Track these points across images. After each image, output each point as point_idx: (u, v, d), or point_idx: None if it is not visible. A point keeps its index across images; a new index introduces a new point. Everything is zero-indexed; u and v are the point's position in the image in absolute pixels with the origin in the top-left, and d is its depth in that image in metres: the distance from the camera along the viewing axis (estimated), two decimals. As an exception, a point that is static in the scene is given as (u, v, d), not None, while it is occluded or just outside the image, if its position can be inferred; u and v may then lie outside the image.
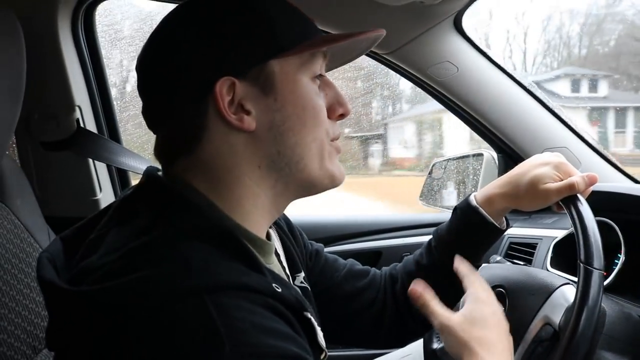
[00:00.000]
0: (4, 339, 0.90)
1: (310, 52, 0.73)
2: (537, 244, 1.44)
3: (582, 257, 0.82)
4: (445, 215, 1.01)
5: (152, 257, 0.60)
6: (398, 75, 1.58)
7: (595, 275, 0.80)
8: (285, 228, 0.98)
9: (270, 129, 0.71)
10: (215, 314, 0.55)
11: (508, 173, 0.97)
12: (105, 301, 0.57)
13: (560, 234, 1.34)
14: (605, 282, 1.13)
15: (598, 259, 0.81)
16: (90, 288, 0.58)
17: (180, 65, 0.70)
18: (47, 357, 0.98)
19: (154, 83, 0.73)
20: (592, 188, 0.92)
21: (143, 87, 0.74)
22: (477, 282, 0.88)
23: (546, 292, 0.94)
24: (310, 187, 0.77)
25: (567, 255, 1.25)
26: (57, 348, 0.64)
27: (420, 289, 0.88)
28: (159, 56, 0.72)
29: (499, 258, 1.38)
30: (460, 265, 0.92)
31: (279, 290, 0.63)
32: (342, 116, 0.79)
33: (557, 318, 0.88)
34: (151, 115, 0.75)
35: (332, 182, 0.77)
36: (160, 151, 0.75)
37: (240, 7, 0.71)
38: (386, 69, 1.57)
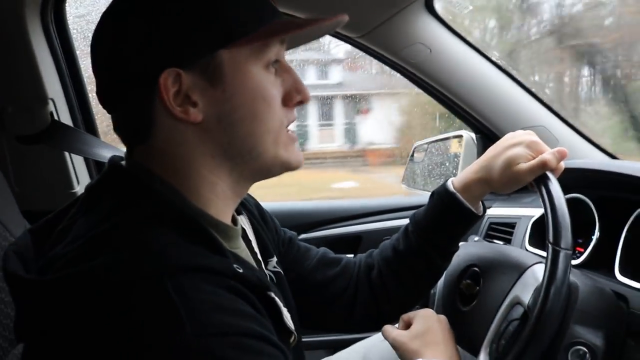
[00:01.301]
0: None
1: (261, 42, 0.71)
2: (516, 223, 1.45)
3: (551, 237, 0.82)
4: (426, 199, 1.02)
5: (113, 243, 0.61)
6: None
7: (562, 256, 0.80)
8: (256, 214, 0.98)
9: (219, 120, 0.70)
10: (175, 296, 0.55)
11: (482, 156, 0.97)
12: (67, 288, 0.58)
13: (538, 212, 1.35)
14: (581, 259, 1.15)
15: (565, 239, 0.81)
16: (53, 276, 0.59)
17: (126, 53, 0.68)
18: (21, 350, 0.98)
19: (103, 67, 0.72)
20: (567, 164, 0.92)
21: (95, 68, 0.74)
22: (410, 316, 0.98)
23: (518, 271, 0.95)
24: (266, 174, 0.77)
25: (545, 233, 1.26)
26: (25, 339, 0.65)
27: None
28: (107, 41, 0.71)
29: (477, 238, 1.39)
30: (386, 331, 0.99)
31: (240, 270, 0.64)
32: (300, 103, 0.77)
33: (527, 298, 0.89)
34: (102, 97, 0.74)
35: (288, 169, 0.77)
36: (117, 132, 0.75)
37: None
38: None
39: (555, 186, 0.87)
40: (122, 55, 0.68)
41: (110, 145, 1.54)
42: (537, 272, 0.92)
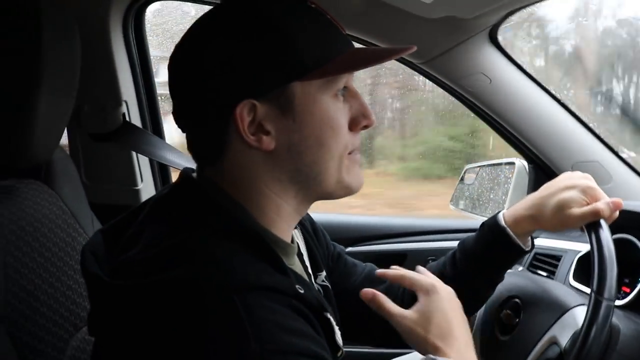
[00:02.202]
0: (49, 316, 0.97)
1: (334, 75, 0.73)
2: (562, 256, 1.44)
3: (595, 286, 0.84)
4: (472, 222, 1.04)
5: (186, 256, 0.64)
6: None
7: (604, 306, 0.81)
8: (309, 228, 1.01)
9: (289, 148, 0.73)
10: (243, 312, 0.58)
11: (535, 193, 0.98)
12: (142, 295, 0.62)
13: (586, 248, 1.34)
14: (626, 300, 1.14)
15: (609, 290, 0.82)
16: (130, 282, 0.63)
17: (203, 83, 0.72)
18: (87, 334, 1.04)
19: (180, 91, 0.76)
20: (620, 209, 0.91)
21: (171, 90, 0.77)
22: (421, 277, 0.87)
23: (559, 311, 0.95)
24: (328, 197, 0.80)
25: (590, 269, 1.25)
26: (97, 334, 0.70)
27: (370, 291, 0.87)
28: (183, 67, 0.74)
29: (520, 268, 1.40)
30: (386, 272, 0.92)
31: (302, 291, 0.67)
32: (365, 127, 0.79)
33: (564, 339, 0.90)
34: (177, 119, 0.78)
35: (349, 193, 0.80)
36: (190, 152, 0.79)
37: (264, 28, 0.71)
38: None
39: (605, 235, 0.87)
40: (200, 83, 0.72)
41: (175, 149, 1.61)
42: (578, 315, 0.93)
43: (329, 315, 0.73)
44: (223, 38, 0.71)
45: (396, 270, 0.91)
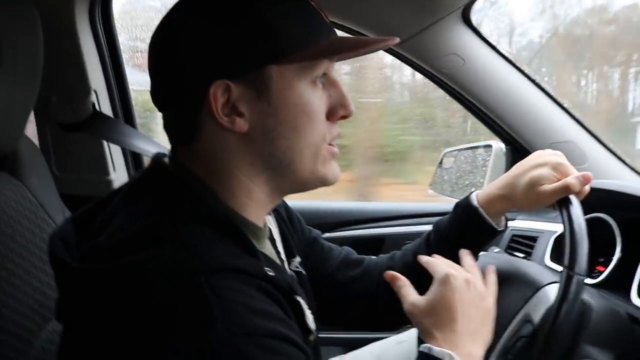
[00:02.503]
0: (16, 308, 0.95)
1: (310, 61, 0.72)
2: (538, 237, 1.45)
3: (566, 261, 0.83)
4: (449, 206, 1.03)
5: (154, 239, 0.63)
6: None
7: (575, 280, 0.81)
8: (283, 214, 1.01)
9: (263, 132, 0.72)
10: (210, 294, 0.58)
11: (507, 173, 0.98)
12: (109, 278, 0.61)
13: (561, 228, 1.34)
14: (599, 278, 1.15)
15: (580, 265, 0.82)
16: (97, 266, 0.62)
17: (179, 62, 0.71)
18: (56, 325, 1.02)
19: (156, 71, 0.75)
20: (593, 184, 0.92)
21: (150, 70, 0.76)
22: (439, 265, 0.88)
23: (532, 289, 0.95)
24: (302, 187, 0.79)
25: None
26: (65, 320, 0.69)
27: (391, 273, 0.91)
28: (161, 48, 0.74)
29: (497, 250, 1.40)
30: (420, 256, 0.93)
31: (271, 273, 0.66)
32: (343, 117, 0.78)
33: (537, 317, 0.90)
34: (155, 98, 0.77)
35: (323, 184, 0.79)
36: (166, 132, 0.78)
37: (241, 10, 0.70)
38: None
39: (576, 210, 0.87)
40: (176, 63, 0.71)
41: (147, 137, 1.59)
42: (551, 292, 0.93)
43: (298, 298, 0.73)
44: (200, 17, 0.71)
45: (424, 257, 0.92)
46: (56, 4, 1.47)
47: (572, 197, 0.89)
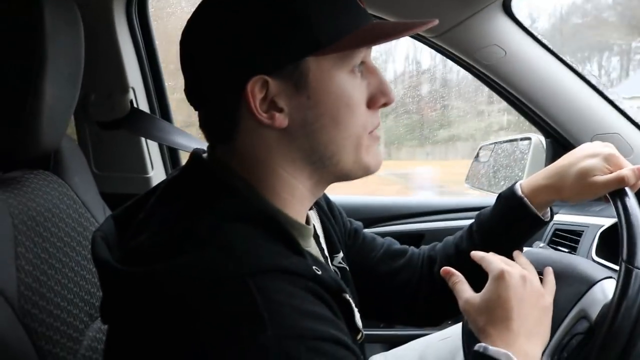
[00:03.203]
0: (64, 306, 0.96)
1: (349, 50, 0.70)
2: (583, 231, 1.41)
3: (624, 255, 0.80)
4: (490, 200, 1.01)
5: (197, 241, 0.62)
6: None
7: (636, 275, 0.78)
8: (325, 208, 0.99)
9: (303, 126, 0.70)
10: (258, 297, 0.56)
11: (555, 163, 0.95)
12: (154, 283, 0.60)
13: (607, 222, 1.31)
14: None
15: (639, 259, 0.79)
16: (140, 269, 0.61)
17: (214, 59, 0.69)
18: (101, 325, 1.04)
19: (191, 68, 0.73)
20: None
21: (183, 67, 0.74)
22: (494, 261, 0.86)
23: (586, 284, 0.92)
24: (345, 177, 0.77)
25: (613, 244, 1.23)
26: (109, 321, 0.68)
27: (448, 269, 0.90)
28: (195, 44, 0.72)
29: (542, 244, 1.37)
30: (474, 252, 0.91)
31: (319, 272, 0.65)
32: (384, 105, 0.76)
33: (593, 313, 0.87)
34: (190, 96, 0.76)
35: (367, 173, 0.77)
36: (202, 128, 0.77)
37: (277, 2, 0.68)
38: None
39: (632, 202, 0.85)
40: (211, 60, 0.70)
41: (185, 132, 1.60)
42: (607, 288, 0.90)
43: (347, 297, 0.71)
44: (234, 12, 0.69)
45: (479, 253, 0.90)
46: (94, 3, 1.48)
47: (627, 189, 0.86)
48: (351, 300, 0.72)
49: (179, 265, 0.60)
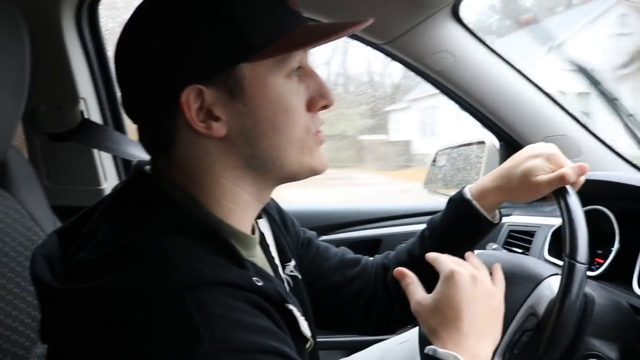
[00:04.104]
0: (8, 324, 0.93)
1: (284, 54, 0.69)
2: (535, 231, 1.44)
3: (567, 250, 0.83)
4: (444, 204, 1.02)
5: (135, 255, 0.61)
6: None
7: (578, 270, 0.81)
8: (276, 217, 0.98)
9: (242, 134, 0.70)
10: (195, 311, 0.56)
11: (501, 165, 0.97)
12: (90, 299, 0.59)
13: (558, 221, 1.34)
14: (599, 270, 1.15)
15: (581, 253, 0.82)
16: (77, 286, 0.60)
17: (146, 70, 0.68)
18: (44, 349, 1.02)
19: (124, 80, 0.72)
20: (589, 176, 0.92)
21: (118, 81, 0.73)
22: (445, 262, 0.85)
23: (533, 282, 0.95)
24: (290, 180, 0.76)
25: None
26: (49, 341, 0.67)
27: (401, 270, 0.89)
28: (127, 56, 0.71)
29: (495, 246, 1.39)
30: (428, 254, 0.90)
31: (260, 284, 0.64)
32: (324, 107, 0.75)
33: (541, 309, 0.89)
34: (126, 110, 0.75)
35: (313, 173, 0.76)
36: (141, 143, 0.76)
37: (205, 8, 0.67)
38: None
39: (573, 199, 0.87)
40: (143, 71, 0.69)
41: (137, 142, 1.57)
42: (553, 284, 0.92)
43: (290, 307, 0.70)
44: (163, 22, 0.68)
45: (432, 254, 0.89)
46: (42, 11, 1.46)
47: (569, 187, 0.89)
48: (295, 310, 0.71)
49: (116, 281, 0.59)
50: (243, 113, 0.69)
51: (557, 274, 0.95)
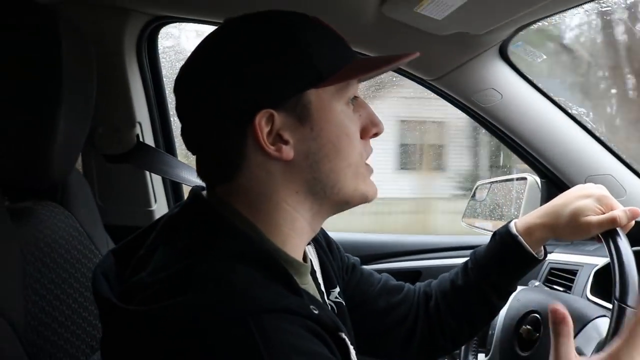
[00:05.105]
0: (66, 337, 0.97)
1: (347, 81, 0.74)
2: (577, 270, 1.43)
3: (617, 294, 0.83)
4: (486, 238, 1.03)
5: (198, 280, 0.63)
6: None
7: (629, 314, 0.81)
8: (323, 243, 1.00)
9: (307, 157, 0.73)
10: (258, 336, 0.57)
11: (549, 203, 0.98)
12: (153, 321, 0.60)
13: (601, 261, 1.33)
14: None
15: (632, 297, 0.82)
16: (140, 308, 0.62)
17: (218, 95, 0.72)
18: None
19: (191, 109, 0.75)
20: (636, 219, 0.91)
21: (181, 110, 0.77)
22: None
23: (580, 322, 0.95)
24: (344, 206, 0.79)
25: (607, 283, 1.25)
26: (108, 357, 0.69)
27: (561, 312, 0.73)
28: (195, 82, 0.74)
29: (537, 283, 1.39)
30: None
31: (316, 312, 0.65)
32: (375, 134, 0.81)
33: (588, 351, 0.89)
34: (188, 139, 0.77)
35: (365, 200, 0.80)
36: (200, 172, 0.78)
37: (278, 39, 0.72)
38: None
39: (624, 243, 0.88)
40: (215, 97, 0.72)
41: (188, 166, 1.62)
42: (600, 326, 0.92)
43: (344, 335, 0.71)
44: (238, 49, 0.72)
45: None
46: (106, 38, 1.52)
47: (619, 230, 0.89)
48: (347, 339, 0.72)
49: (179, 304, 0.60)
50: (309, 137, 0.73)
51: (604, 316, 0.95)
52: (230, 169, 0.74)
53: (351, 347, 0.74)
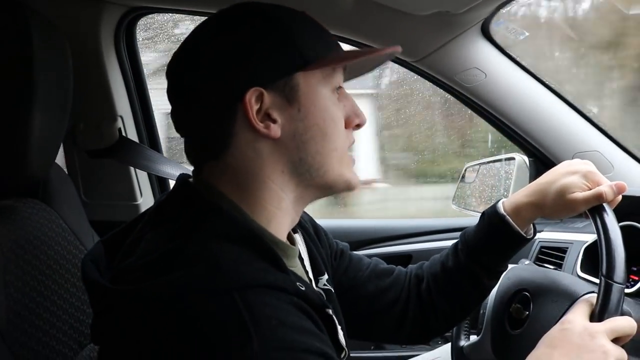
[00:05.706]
0: (52, 334, 0.96)
1: (332, 66, 0.78)
2: (567, 248, 1.43)
3: (604, 270, 0.83)
4: (476, 220, 1.03)
5: (185, 259, 0.65)
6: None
7: (615, 289, 0.81)
8: (310, 230, 1.01)
9: (294, 137, 0.76)
10: (244, 310, 0.59)
11: (536, 181, 0.98)
12: (143, 299, 0.62)
13: (591, 238, 1.33)
14: (635, 287, 1.13)
15: (619, 273, 0.82)
16: (130, 287, 0.64)
17: (211, 74, 0.74)
18: (91, 351, 1.05)
19: (183, 89, 0.78)
20: (623, 194, 0.91)
21: (173, 92, 0.79)
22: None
23: (569, 299, 0.94)
24: (328, 190, 0.82)
25: (598, 260, 1.25)
26: (100, 342, 0.70)
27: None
28: (190, 65, 0.77)
29: (527, 262, 1.38)
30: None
31: (303, 288, 0.67)
32: (358, 126, 0.83)
33: None
34: (179, 120, 0.80)
35: (348, 188, 0.82)
36: (189, 154, 0.80)
37: (269, 25, 0.75)
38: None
39: (610, 218, 0.87)
40: (207, 77, 0.75)
41: (172, 161, 1.61)
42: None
43: (331, 312, 0.73)
44: (230, 33, 0.75)
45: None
46: (81, 30, 1.50)
47: (605, 206, 0.89)
48: (334, 317, 0.74)
49: (167, 282, 0.62)
50: (296, 117, 0.76)
51: (593, 292, 0.95)
52: (219, 146, 0.75)
53: (339, 327, 0.76)
